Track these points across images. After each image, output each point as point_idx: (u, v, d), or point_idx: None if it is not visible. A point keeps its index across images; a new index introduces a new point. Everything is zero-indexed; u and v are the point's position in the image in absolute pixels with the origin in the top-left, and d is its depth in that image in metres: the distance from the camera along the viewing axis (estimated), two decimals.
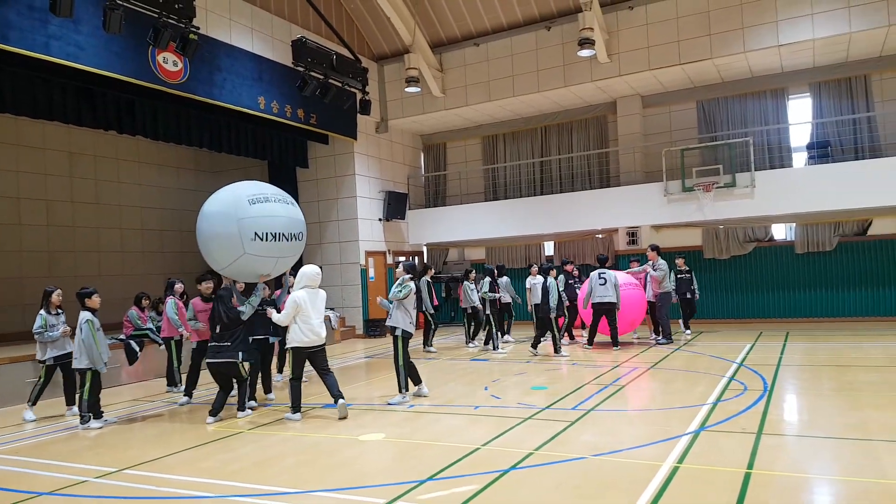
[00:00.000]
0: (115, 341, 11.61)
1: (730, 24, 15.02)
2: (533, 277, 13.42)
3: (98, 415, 8.47)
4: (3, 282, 15.28)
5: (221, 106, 13.58)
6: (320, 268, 8.77)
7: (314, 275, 8.44)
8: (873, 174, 14.51)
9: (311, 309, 8.19)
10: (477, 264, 20.02)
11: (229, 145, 15.48)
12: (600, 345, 13.46)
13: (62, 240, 16.76)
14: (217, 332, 8.41)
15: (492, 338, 13.84)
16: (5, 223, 15.61)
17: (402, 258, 18.70)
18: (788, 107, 16.85)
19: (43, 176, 16.45)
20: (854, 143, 15.95)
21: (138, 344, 11.66)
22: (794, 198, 15.13)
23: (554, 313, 12.49)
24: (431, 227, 19.94)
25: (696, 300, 14.61)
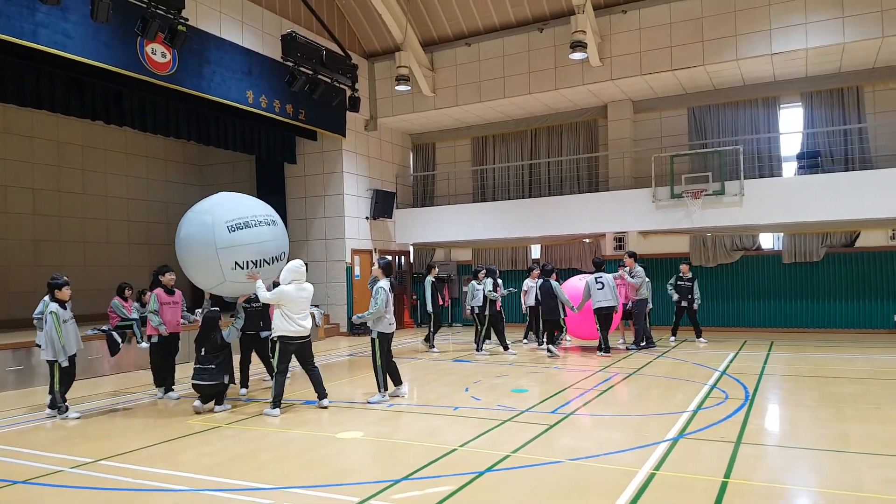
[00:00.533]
0: (97, 332, 11.52)
1: (723, 31, 15.00)
2: (532, 280, 13.31)
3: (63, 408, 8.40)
4: None
5: (210, 99, 13.52)
6: (306, 265, 8.76)
7: (299, 268, 8.44)
8: (863, 186, 14.53)
9: (298, 302, 8.25)
10: (463, 265, 20.01)
11: (217, 139, 15.36)
12: (586, 349, 13.44)
13: (48, 229, 16.65)
14: (202, 353, 8.42)
15: (478, 338, 13.71)
16: None
17: (388, 257, 18.57)
18: (780, 116, 16.86)
19: (30, 164, 16.34)
20: (844, 154, 15.97)
21: (121, 335, 11.50)
22: (783, 207, 15.15)
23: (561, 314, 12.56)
24: (419, 227, 19.87)
25: (695, 309, 14.16)
